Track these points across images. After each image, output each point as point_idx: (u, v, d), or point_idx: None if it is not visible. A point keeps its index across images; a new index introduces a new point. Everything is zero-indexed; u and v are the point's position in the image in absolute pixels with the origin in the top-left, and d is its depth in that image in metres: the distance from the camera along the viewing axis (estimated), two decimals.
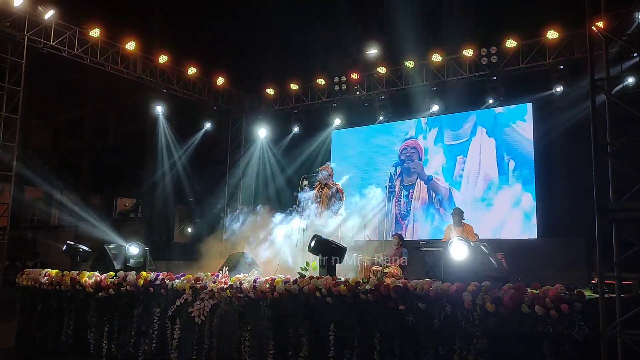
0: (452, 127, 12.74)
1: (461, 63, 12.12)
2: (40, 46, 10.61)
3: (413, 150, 13.22)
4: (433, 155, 12.93)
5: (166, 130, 14.29)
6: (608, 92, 4.46)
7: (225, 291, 5.87)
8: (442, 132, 12.87)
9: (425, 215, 12.78)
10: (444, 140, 12.81)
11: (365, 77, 13.37)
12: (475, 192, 12.18)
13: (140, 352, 6.48)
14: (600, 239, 4.32)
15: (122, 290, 6.75)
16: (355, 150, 13.96)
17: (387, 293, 4.98)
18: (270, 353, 5.52)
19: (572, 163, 10.86)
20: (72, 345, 7.24)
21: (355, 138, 14.14)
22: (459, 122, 12.66)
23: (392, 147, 13.46)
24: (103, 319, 6.94)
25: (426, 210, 12.78)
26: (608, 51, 4.57)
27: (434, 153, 12.92)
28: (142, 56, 12.36)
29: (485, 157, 12.21)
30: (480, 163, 12.25)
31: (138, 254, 7.43)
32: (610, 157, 4.45)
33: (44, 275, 7.75)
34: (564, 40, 10.98)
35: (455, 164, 12.55)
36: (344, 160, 13.86)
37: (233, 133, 15.39)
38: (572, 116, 10.59)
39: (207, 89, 14.11)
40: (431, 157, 12.96)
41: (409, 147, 13.30)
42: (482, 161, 12.22)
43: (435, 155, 12.90)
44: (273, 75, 14.55)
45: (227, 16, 14.44)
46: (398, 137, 13.46)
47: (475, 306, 4.53)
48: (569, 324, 4.12)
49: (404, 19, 12.52)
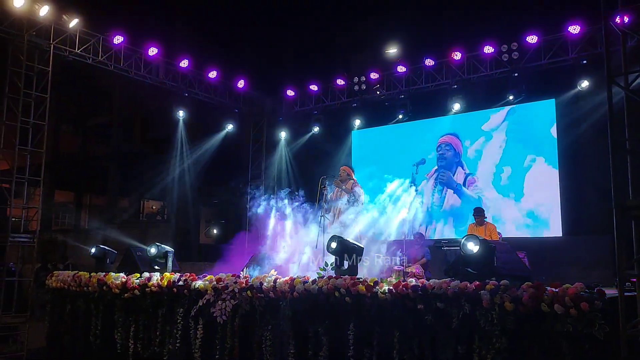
0: (474, 123, 12.62)
1: (482, 60, 12.01)
2: (66, 54, 10.89)
3: (448, 147, 13.06)
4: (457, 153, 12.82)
5: (189, 134, 14.51)
6: (626, 87, 4.40)
7: (246, 291, 5.97)
8: (463, 130, 12.77)
9: (453, 216, 12.65)
10: (465, 138, 12.71)
11: (385, 76, 13.34)
12: (496, 188, 12.04)
13: (165, 351, 6.62)
14: (619, 237, 4.26)
15: (146, 291, 6.91)
16: (376, 150, 13.93)
17: (405, 293, 5.00)
18: (290, 352, 5.59)
19: (597, 160, 10.59)
20: (100, 346, 7.44)
21: (376, 138, 14.12)
22: (481, 118, 12.54)
23: (414, 146, 13.39)
24: (129, 319, 7.11)
25: (454, 215, 12.64)
26: (626, 46, 4.50)
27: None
28: (164, 61, 12.58)
29: (507, 153, 12.07)
30: (502, 159, 12.11)
31: (157, 254, 7.58)
32: (629, 154, 4.38)
33: (72, 277, 7.98)
34: (586, 35, 10.78)
35: (478, 160, 12.44)
36: (365, 160, 13.86)
37: (254, 135, 15.54)
38: (597, 112, 10.38)
39: (228, 92, 14.27)
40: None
41: (444, 144, 13.08)
42: (504, 158, 12.08)
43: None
44: (293, 77, 14.64)
45: (247, 19, 14.59)
46: (419, 135, 13.38)
47: (494, 305, 4.51)
48: (589, 323, 4.08)
49: (424, 17, 12.47)
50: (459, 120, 12.79)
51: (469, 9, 13.22)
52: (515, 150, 11.99)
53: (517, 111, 12.11)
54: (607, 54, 4.37)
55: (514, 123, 12.12)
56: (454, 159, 12.92)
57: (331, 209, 8.34)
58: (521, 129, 11.98)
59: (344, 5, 13.43)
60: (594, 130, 10.50)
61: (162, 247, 7.68)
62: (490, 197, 12.10)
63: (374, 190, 9.61)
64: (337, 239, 6.16)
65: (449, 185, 12.79)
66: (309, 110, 14.64)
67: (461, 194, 12.59)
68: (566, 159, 11.42)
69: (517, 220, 11.69)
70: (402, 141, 13.55)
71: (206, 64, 13.26)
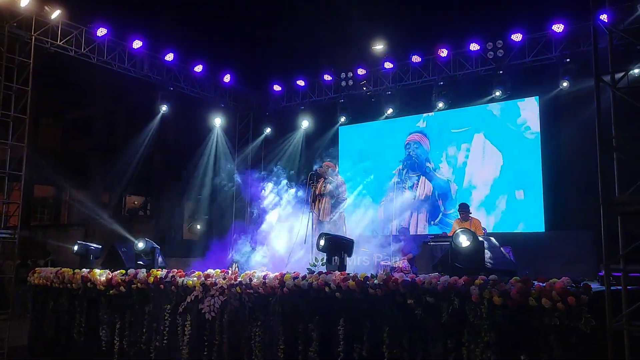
0: (458, 120, 12.74)
1: (467, 57, 12.10)
2: (48, 46, 10.70)
3: (416, 146, 13.24)
4: (438, 146, 12.94)
5: (174, 128, 14.37)
6: (613, 85, 4.47)
7: (235, 287, 5.94)
8: (448, 124, 12.88)
9: (428, 210, 12.81)
10: (450, 132, 12.82)
11: (371, 72, 13.37)
12: (480, 183, 12.19)
13: (152, 348, 6.57)
14: (606, 232, 4.34)
15: (132, 287, 6.85)
16: (362, 146, 13.98)
17: (395, 288, 5.03)
18: (280, 348, 5.59)
19: (580, 156, 10.82)
20: (84, 343, 7.36)
21: (363, 133, 14.16)
22: (465, 115, 12.66)
23: (400, 142, 13.47)
24: (114, 316, 7.04)
25: (429, 205, 12.80)
26: (613, 44, 4.57)
27: (439, 144, 12.93)
28: (149, 54, 12.44)
29: (490, 149, 12.21)
30: (485, 155, 12.26)
31: (145, 249, 7.50)
32: (616, 150, 4.46)
33: (55, 274, 7.86)
34: (570, 34, 10.93)
35: (460, 155, 12.57)
36: (351, 155, 13.91)
37: (240, 130, 15.45)
38: (580, 109, 10.54)
39: (214, 87, 14.17)
40: (436, 148, 12.97)
41: (412, 142, 13.31)
42: (488, 153, 12.23)
43: (440, 146, 12.91)
44: (279, 72, 14.58)
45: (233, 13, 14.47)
46: (405, 132, 13.46)
47: (483, 300, 4.56)
48: (575, 317, 4.15)
49: (410, 14, 12.50)
50: (444, 116, 12.88)
51: (455, 6, 13.30)
52: (499, 147, 12.13)
53: (501, 108, 12.24)
54: (595, 52, 4.43)
55: (498, 120, 12.25)
56: (422, 156, 13.08)
57: (316, 204, 8.35)
58: (505, 125, 12.12)
59: (331, 0, 13.40)
60: (577, 128, 10.66)
61: (150, 242, 7.61)
62: (467, 191, 12.26)
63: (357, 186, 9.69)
64: (326, 236, 6.17)
65: (422, 171, 12.93)
66: (295, 106, 14.61)
67: (432, 178, 12.79)
68: (549, 156, 11.58)
69: (501, 216, 11.83)
70: (388, 137, 13.62)
71: (192, 57, 13.14)
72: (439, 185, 12.80)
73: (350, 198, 9.00)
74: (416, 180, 13.12)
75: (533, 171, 11.59)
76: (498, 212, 11.88)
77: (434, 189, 12.83)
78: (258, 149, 15.37)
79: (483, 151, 12.32)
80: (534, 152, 11.65)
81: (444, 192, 12.70)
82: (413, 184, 13.11)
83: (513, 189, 11.77)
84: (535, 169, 11.57)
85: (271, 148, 15.21)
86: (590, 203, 8.60)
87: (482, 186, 12.18)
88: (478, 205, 11.89)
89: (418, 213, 12.81)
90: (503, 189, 11.91)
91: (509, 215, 11.75)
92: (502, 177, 11.97)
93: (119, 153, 16.46)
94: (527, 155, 11.70)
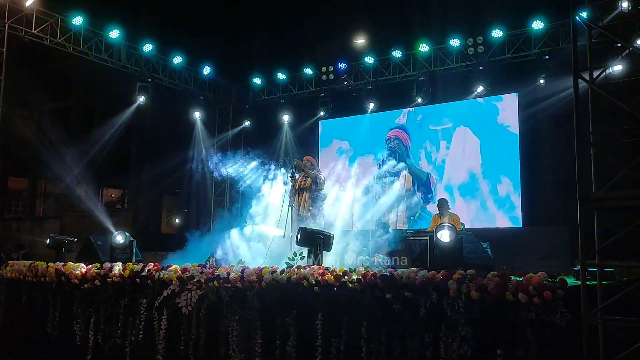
0: (438, 115, 12.80)
1: (448, 53, 12.15)
2: (22, 34, 10.43)
3: (397, 141, 13.28)
4: (418, 142, 12.99)
5: (151, 120, 14.18)
6: (591, 82, 4.50)
7: (213, 282, 5.87)
8: (428, 120, 12.93)
9: (408, 205, 12.86)
10: (429, 127, 12.88)
11: (353, 66, 13.34)
12: (459, 179, 12.28)
13: (127, 343, 6.46)
14: (582, 228, 4.38)
15: (108, 281, 6.73)
16: (343, 140, 13.97)
17: (373, 282, 5.01)
18: (258, 343, 5.54)
19: (557, 153, 10.98)
20: (58, 337, 7.21)
21: (343, 128, 14.14)
22: (445, 110, 12.72)
23: (380, 136, 13.49)
24: (89, 310, 6.90)
25: (409, 200, 12.85)
26: (592, 41, 4.60)
27: (418, 139, 12.98)
28: (127, 45, 12.22)
29: (469, 145, 12.30)
30: (464, 151, 12.35)
31: (124, 243, 7.37)
32: (593, 147, 4.50)
33: (29, 267, 7.69)
34: (549, 31, 11.05)
35: (439, 151, 12.65)
36: (331, 149, 13.88)
37: (220, 123, 15.31)
38: (557, 106, 10.70)
39: (194, 79, 14.00)
40: (416, 143, 13.02)
41: (392, 138, 13.34)
42: (467, 149, 12.32)
43: (419, 141, 12.97)
44: (260, 65, 14.47)
45: (213, 4, 14.29)
46: (386, 126, 13.48)
47: (461, 294, 4.58)
48: (551, 311, 4.19)
49: (392, 9, 12.50)
50: (424, 111, 12.93)
51: (436, 1, 13.32)
52: (478, 143, 12.22)
53: (481, 104, 12.33)
54: (574, 48, 4.45)
55: (478, 116, 12.34)
56: (402, 152, 13.14)
57: (296, 198, 8.30)
58: (485, 121, 12.21)
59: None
60: (553, 124, 10.81)
61: (129, 235, 7.48)
62: (445, 186, 12.35)
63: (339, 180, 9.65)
64: (305, 231, 6.14)
65: (403, 164, 13.02)
66: (276, 99, 14.52)
67: (412, 173, 12.88)
68: (527, 152, 11.71)
69: (479, 211, 11.94)
70: (369, 132, 13.62)
71: (171, 49, 12.96)
72: (418, 180, 12.86)
73: (330, 193, 8.96)
74: (396, 175, 13.15)
75: (512, 167, 11.71)
76: (476, 207, 11.98)
77: (414, 184, 12.89)
78: (237, 141, 15.24)
79: (462, 147, 12.40)
80: (512, 148, 11.76)
81: (424, 187, 12.77)
82: (393, 179, 13.14)
83: (491, 185, 11.88)
84: (514, 165, 11.69)
85: (250, 141, 15.08)
86: (566, 199, 8.73)
87: (461, 181, 12.26)
88: (457, 201, 11.98)
89: (397, 208, 12.85)
90: (481, 184, 12.01)
91: (487, 211, 11.86)
92: (481, 173, 12.07)
93: (96, 145, 16.20)
94: (505, 152, 11.81)
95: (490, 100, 12.19)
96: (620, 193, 4.45)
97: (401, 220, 12.89)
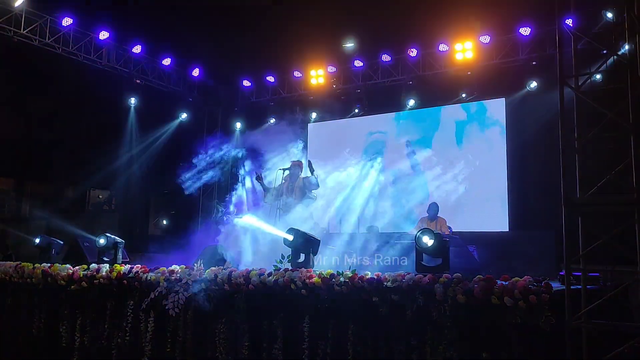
0: (425, 120, 12.87)
1: (437, 57, 12.24)
2: (11, 34, 10.35)
3: (382, 145, 13.30)
4: (405, 147, 13.03)
5: (140, 122, 14.10)
6: (576, 88, 4.58)
7: (200, 284, 5.86)
8: (415, 124, 12.99)
9: (395, 208, 12.89)
10: (417, 132, 12.93)
11: (341, 70, 13.39)
12: (447, 184, 12.34)
13: (114, 345, 6.43)
14: (567, 233, 4.44)
15: (95, 283, 6.69)
16: (331, 143, 13.99)
17: (360, 285, 5.04)
18: (244, 345, 5.54)
19: (543, 158, 11.09)
20: (44, 339, 7.15)
21: (332, 131, 14.16)
22: (432, 115, 12.80)
23: (368, 140, 13.53)
24: (75, 312, 6.86)
25: (396, 203, 12.88)
26: (577, 48, 4.68)
27: (406, 144, 13.01)
28: (116, 46, 12.17)
29: (457, 150, 12.38)
30: (451, 155, 12.42)
31: (107, 245, 7.33)
32: (578, 152, 4.57)
33: (14, 268, 7.62)
34: (537, 37, 11.18)
35: (425, 156, 12.71)
36: (319, 152, 13.87)
37: (209, 125, 15.27)
38: (544, 111, 10.80)
39: (183, 80, 13.96)
40: (403, 148, 13.05)
41: (378, 141, 13.36)
42: (454, 154, 12.39)
43: (407, 146, 13.00)
44: (249, 67, 14.45)
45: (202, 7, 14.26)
46: (374, 130, 13.52)
47: (447, 298, 4.62)
48: (536, 315, 4.24)
49: (380, 12, 12.52)
50: (412, 115, 13.00)
51: (425, 6, 13.39)
52: (465, 147, 12.31)
53: (469, 108, 12.42)
54: (560, 55, 4.52)
55: (466, 120, 12.43)
56: (389, 155, 13.18)
57: (282, 200, 8.34)
58: (473, 126, 12.30)
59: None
60: (540, 129, 10.92)
61: (112, 237, 7.43)
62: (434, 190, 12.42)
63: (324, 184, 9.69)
64: (293, 232, 6.14)
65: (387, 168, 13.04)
66: (265, 102, 14.53)
67: (398, 177, 12.89)
68: (513, 157, 11.82)
69: (466, 215, 12.00)
70: (357, 135, 13.66)
71: (160, 50, 12.91)
72: (405, 183, 12.87)
73: (319, 196, 8.98)
74: (383, 178, 13.19)
75: (498, 172, 11.80)
76: (463, 211, 12.04)
77: (400, 188, 12.90)
78: (227, 143, 15.17)
79: (449, 151, 12.48)
80: (499, 152, 11.86)
81: (410, 191, 12.79)
82: (380, 182, 13.16)
83: (478, 189, 11.96)
84: (501, 170, 11.79)
85: (238, 143, 15.06)
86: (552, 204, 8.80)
87: (448, 185, 12.32)
88: (444, 205, 12.00)
89: (385, 211, 12.88)
90: (468, 188, 12.08)
91: (474, 215, 11.92)
92: (468, 177, 12.14)
93: (83, 146, 16.09)
94: (492, 156, 11.91)
95: (478, 105, 12.29)
96: (604, 198, 4.52)
97: (388, 223, 12.91)
